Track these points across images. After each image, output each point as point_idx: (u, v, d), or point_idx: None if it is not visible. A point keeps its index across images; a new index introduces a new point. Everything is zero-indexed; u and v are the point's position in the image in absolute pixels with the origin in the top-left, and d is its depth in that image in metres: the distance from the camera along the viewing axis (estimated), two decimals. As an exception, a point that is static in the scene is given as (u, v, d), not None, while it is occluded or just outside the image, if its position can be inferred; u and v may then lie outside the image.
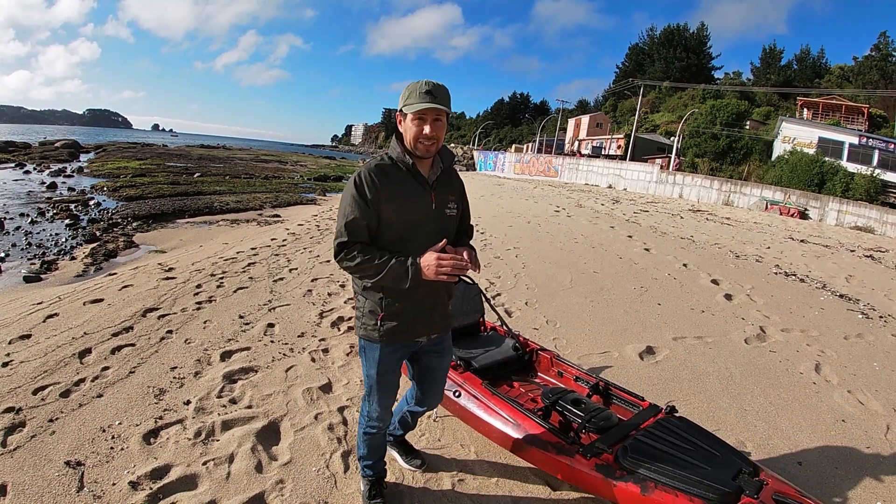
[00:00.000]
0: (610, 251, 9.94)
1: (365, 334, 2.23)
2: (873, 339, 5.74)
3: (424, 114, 2.02)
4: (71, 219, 12.45)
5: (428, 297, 2.19)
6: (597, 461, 2.39)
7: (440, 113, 2.03)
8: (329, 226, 11.64)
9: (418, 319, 2.21)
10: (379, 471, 2.57)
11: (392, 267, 2.01)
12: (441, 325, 2.34)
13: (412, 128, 2.04)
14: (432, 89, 2.00)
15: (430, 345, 2.37)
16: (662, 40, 61.81)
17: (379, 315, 2.17)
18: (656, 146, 44.41)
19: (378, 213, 2.05)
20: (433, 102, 1.98)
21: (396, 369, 2.33)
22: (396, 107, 2.11)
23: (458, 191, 2.32)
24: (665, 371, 4.46)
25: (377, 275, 2.03)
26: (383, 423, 2.42)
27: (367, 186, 2.03)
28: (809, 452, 3.34)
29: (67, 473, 2.59)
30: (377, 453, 2.53)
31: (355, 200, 2.03)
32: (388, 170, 2.10)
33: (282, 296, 5.79)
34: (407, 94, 2.04)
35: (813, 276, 9.15)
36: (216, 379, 3.70)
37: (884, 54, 44.24)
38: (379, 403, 2.36)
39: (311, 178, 30.41)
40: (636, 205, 22.55)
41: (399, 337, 2.21)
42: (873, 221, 23.26)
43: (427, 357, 2.42)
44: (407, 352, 2.33)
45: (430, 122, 2.03)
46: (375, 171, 2.07)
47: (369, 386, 2.34)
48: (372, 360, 2.27)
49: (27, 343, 4.17)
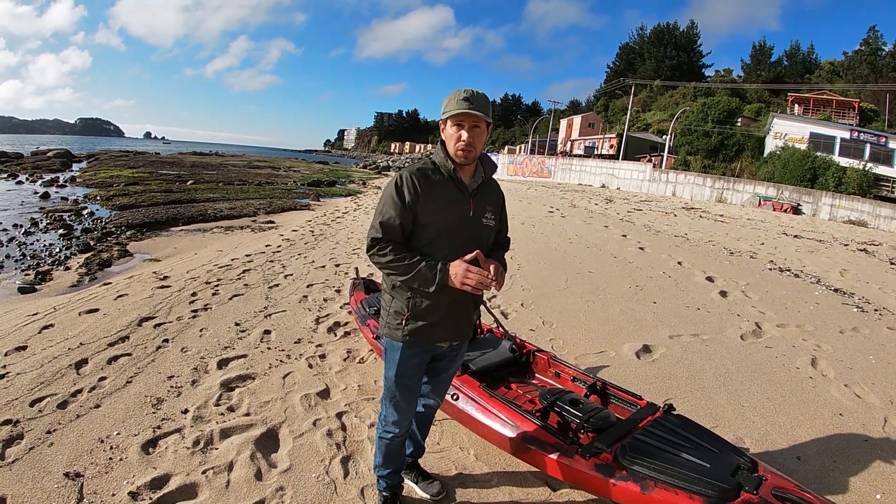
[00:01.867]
0: (604, 251, 9.97)
1: (388, 333, 2.26)
2: (869, 332, 5.77)
3: (462, 120, 2.07)
4: (64, 229, 12.38)
5: (455, 304, 2.20)
6: (596, 461, 2.39)
7: (478, 119, 2.08)
8: (323, 231, 11.63)
9: (443, 325, 2.23)
10: (394, 486, 2.57)
11: (421, 269, 2.05)
12: (464, 334, 2.36)
13: (451, 134, 2.10)
14: (470, 96, 2.05)
15: (448, 350, 2.39)
16: (653, 39, 62.12)
17: (404, 315, 2.19)
18: (648, 145, 44.61)
19: (415, 214, 2.10)
20: (470, 108, 2.03)
21: (415, 374, 2.33)
22: (389, 111, 2.15)
23: (497, 202, 2.35)
24: (662, 369, 4.48)
25: (405, 274, 2.07)
26: (399, 430, 2.40)
27: (406, 188, 2.09)
28: (808, 447, 3.35)
29: (67, 485, 2.57)
30: (392, 463, 2.51)
31: (393, 200, 2.09)
32: (429, 173, 2.15)
33: (277, 302, 5.78)
34: (447, 101, 2.11)
35: (807, 271, 9.20)
36: (213, 387, 3.68)
37: (873, 49, 44.59)
38: (396, 408, 2.36)
39: (305, 183, 30.34)
40: (630, 204, 22.63)
41: (421, 339, 2.22)
42: (866, 215, 23.44)
43: (441, 360, 2.43)
44: (427, 356, 2.33)
45: (468, 128, 2.08)
46: (417, 174, 2.13)
47: (387, 389, 2.36)
48: (391, 362, 2.29)
49: (23, 354, 4.15)
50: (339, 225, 12.78)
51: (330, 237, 10.71)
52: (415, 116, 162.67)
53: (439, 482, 2.75)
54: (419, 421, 2.67)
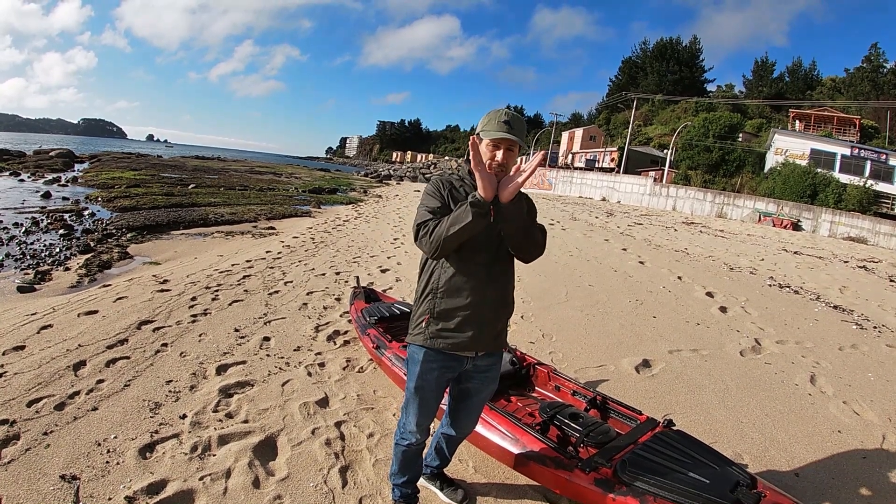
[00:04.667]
0: (605, 264, 9.98)
1: (412, 338, 2.29)
2: (868, 349, 5.77)
3: (500, 143, 2.09)
4: (65, 229, 12.37)
5: (479, 309, 2.21)
6: (596, 475, 2.39)
7: (513, 144, 2.10)
8: (324, 238, 11.63)
9: (464, 329, 2.21)
10: (409, 496, 2.57)
11: (456, 211, 2.06)
12: (489, 344, 2.32)
13: (486, 153, 2.12)
14: (511, 120, 2.08)
15: (476, 368, 2.35)
16: (655, 54, 62.49)
17: (426, 317, 2.23)
18: (649, 159, 44.70)
19: (448, 208, 2.15)
20: (509, 133, 2.05)
21: (435, 388, 2.33)
22: (392, 120, 2.16)
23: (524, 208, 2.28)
24: (661, 384, 4.47)
25: (450, 227, 2.03)
26: (416, 440, 2.42)
27: (441, 186, 2.22)
28: (806, 464, 3.35)
29: (63, 487, 2.56)
30: (408, 471, 2.52)
31: (431, 195, 2.20)
32: (455, 183, 2.25)
33: (277, 309, 5.77)
34: (486, 120, 2.14)
35: (807, 287, 9.21)
36: (212, 393, 3.67)
37: (875, 66, 44.82)
38: (413, 418, 2.37)
39: (306, 190, 30.36)
40: (630, 217, 22.67)
41: (442, 344, 2.22)
42: (866, 232, 23.47)
43: (469, 381, 2.40)
44: (449, 370, 2.32)
45: (504, 150, 2.10)
46: (447, 179, 2.27)
47: (407, 399, 2.38)
48: (413, 374, 2.31)
49: (21, 354, 4.14)
50: (339, 233, 12.78)
51: (330, 245, 10.71)
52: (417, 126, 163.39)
53: (463, 490, 2.76)
54: (448, 442, 2.66)
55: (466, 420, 2.52)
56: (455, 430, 2.56)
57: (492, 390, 2.50)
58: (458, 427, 2.54)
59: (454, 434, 2.58)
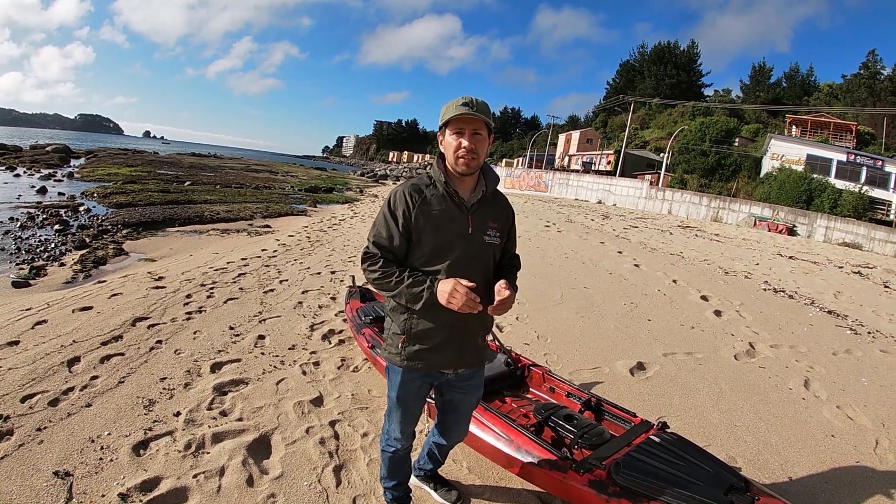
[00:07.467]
0: (600, 267, 9.99)
1: (388, 357, 2.19)
2: (861, 354, 5.79)
3: (462, 126, 1.97)
4: (61, 224, 12.34)
5: (457, 328, 2.09)
6: (590, 477, 2.39)
7: (478, 125, 1.97)
8: (320, 237, 11.62)
9: (443, 349, 2.12)
10: (401, 498, 2.55)
11: (407, 285, 1.97)
12: (470, 361, 2.24)
13: (451, 142, 1.99)
14: (469, 101, 1.95)
15: (456, 380, 2.28)
16: (653, 57, 62.75)
17: (401, 338, 2.11)
18: (646, 162, 44.84)
19: (408, 232, 2.02)
20: (469, 112, 1.92)
21: (417, 398, 2.27)
22: (389, 119, 2.11)
23: (502, 218, 2.20)
24: (656, 387, 4.48)
25: (391, 291, 2.00)
26: (401, 446, 2.37)
27: (398, 206, 2.01)
28: (799, 467, 3.36)
29: (56, 484, 2.55)
30: (397, 475, 2.51)
31: (385, 218, 2.03)
32: (424, 189, 2.05)
33: (272, 307, 5.76)
34: (444, 109, 2.00)
35: (801, 292, 9.24)
36: (206, 390, 3.66)
37: (872, 72, 45.09)
38: (397, 426, 2.33)
39: (302, 188, 30.35)
40: (626, 220, 22.71)
41: (420, 364, 2.13)
42: (861, 238, 23.59)
43: (451, 391, 2.33)
44: (429, 382, 2.26)
45: (469, 134, 1.97)
46: (411, 189, 2.04)
47: (390, 407, 2.33)
48: (393, 384, 2.24)
49: (15, 350, 4.12)
50: (335, 232, 12.77)
51: (326, 244, 10.70)
52: (413, 126, 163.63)
53: (457, 490, 2.75)
54: (440, 449, 2.63)
55: (456, 429, 2.50)
56: (446, 440, 2.54)
57: (478, 397, 2.44)
58: (449, 437, 2.52)
59: (445, 444, 2.57)
